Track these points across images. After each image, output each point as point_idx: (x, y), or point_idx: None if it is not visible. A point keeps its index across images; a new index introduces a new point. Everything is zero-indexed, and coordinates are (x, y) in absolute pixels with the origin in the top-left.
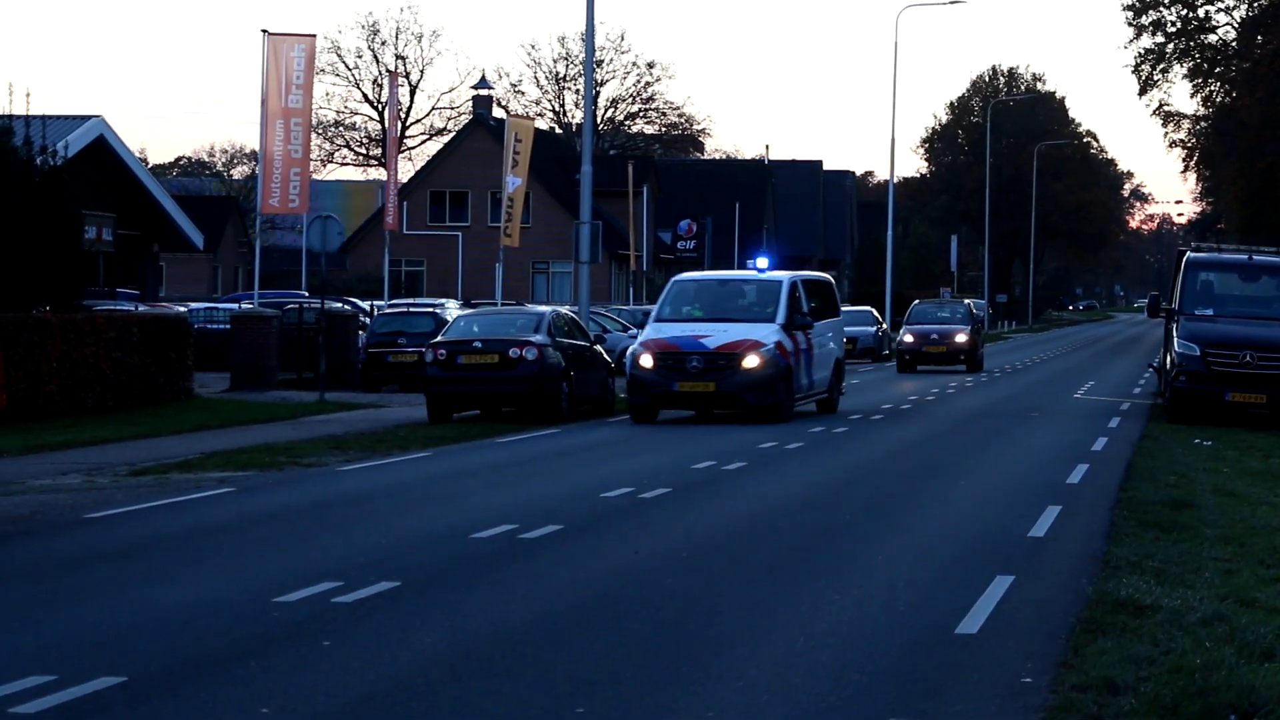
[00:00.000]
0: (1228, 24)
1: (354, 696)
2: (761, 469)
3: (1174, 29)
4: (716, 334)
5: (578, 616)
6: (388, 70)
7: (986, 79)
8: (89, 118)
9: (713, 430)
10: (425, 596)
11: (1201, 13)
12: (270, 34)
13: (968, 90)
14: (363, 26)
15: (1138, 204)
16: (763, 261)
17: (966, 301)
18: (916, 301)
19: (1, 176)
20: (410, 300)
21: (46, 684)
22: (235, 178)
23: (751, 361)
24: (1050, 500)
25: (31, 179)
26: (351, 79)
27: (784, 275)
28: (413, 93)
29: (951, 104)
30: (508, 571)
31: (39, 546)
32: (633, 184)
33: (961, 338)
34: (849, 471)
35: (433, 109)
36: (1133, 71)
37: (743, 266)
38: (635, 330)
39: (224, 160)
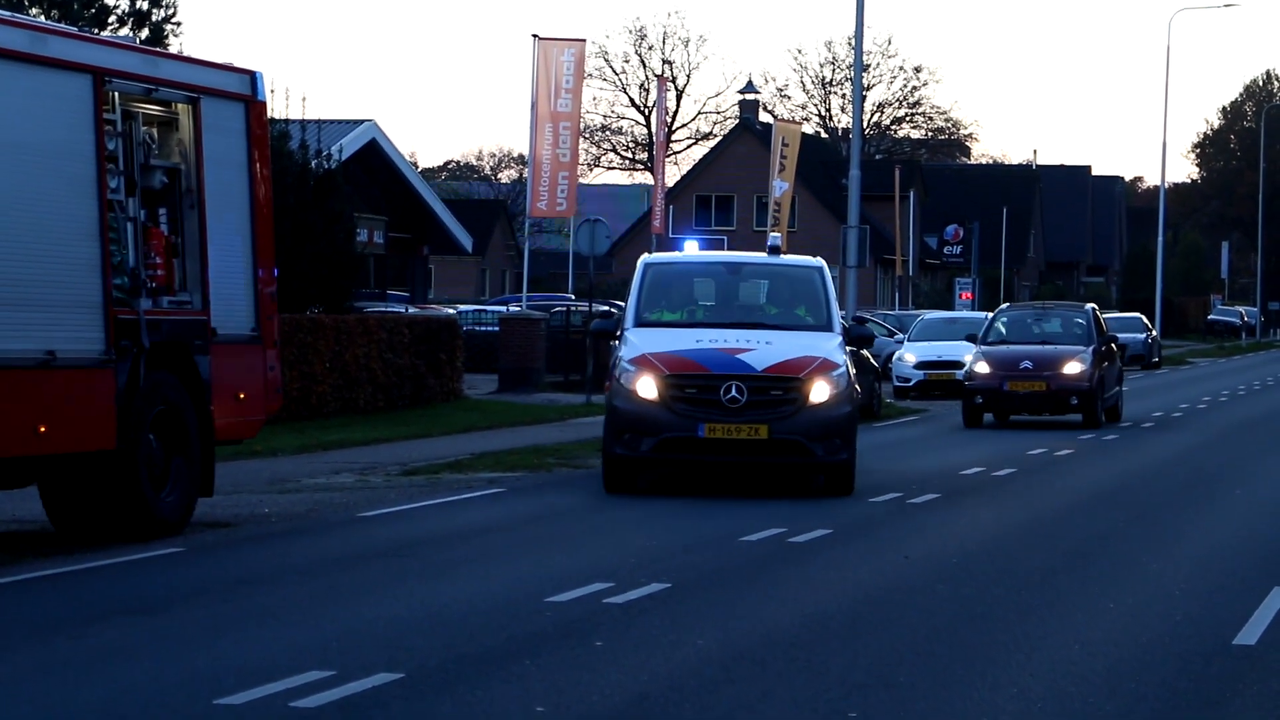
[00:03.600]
0: None
1: (628, 696)
2: (1030, 475)
3: None
4: (758, 347)
5: (850, 620)
6: (655, 75)
7: (1260, 83)
8: (361, 122)
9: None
10: (696, 598)
11: None
12: (540, 39)
13: (1240, 95)
14: (630, 31)
15: None
16: (777, 232)
17: (1089, 307)
18: (1004, 306)
19: (278, 180)
20: None
21: (326, 679)
22: (503, 181)
23: (822, 392)
24: None
25: (307, 182)
26: (619, 83)
27: (811, 260)
28: (679, 97)
29: (1223, 109)
30: (779, 574)
31: (316, 544)
32: (899, 189)
33: (1074, 367)
34: (1120, 483)
35: (699, 113)
36: None
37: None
38: (900, 335)
39: (492, 164)
